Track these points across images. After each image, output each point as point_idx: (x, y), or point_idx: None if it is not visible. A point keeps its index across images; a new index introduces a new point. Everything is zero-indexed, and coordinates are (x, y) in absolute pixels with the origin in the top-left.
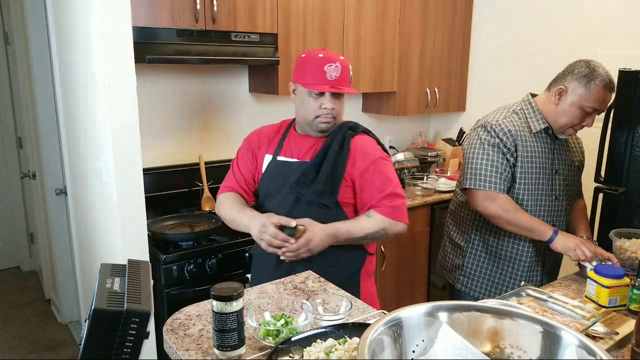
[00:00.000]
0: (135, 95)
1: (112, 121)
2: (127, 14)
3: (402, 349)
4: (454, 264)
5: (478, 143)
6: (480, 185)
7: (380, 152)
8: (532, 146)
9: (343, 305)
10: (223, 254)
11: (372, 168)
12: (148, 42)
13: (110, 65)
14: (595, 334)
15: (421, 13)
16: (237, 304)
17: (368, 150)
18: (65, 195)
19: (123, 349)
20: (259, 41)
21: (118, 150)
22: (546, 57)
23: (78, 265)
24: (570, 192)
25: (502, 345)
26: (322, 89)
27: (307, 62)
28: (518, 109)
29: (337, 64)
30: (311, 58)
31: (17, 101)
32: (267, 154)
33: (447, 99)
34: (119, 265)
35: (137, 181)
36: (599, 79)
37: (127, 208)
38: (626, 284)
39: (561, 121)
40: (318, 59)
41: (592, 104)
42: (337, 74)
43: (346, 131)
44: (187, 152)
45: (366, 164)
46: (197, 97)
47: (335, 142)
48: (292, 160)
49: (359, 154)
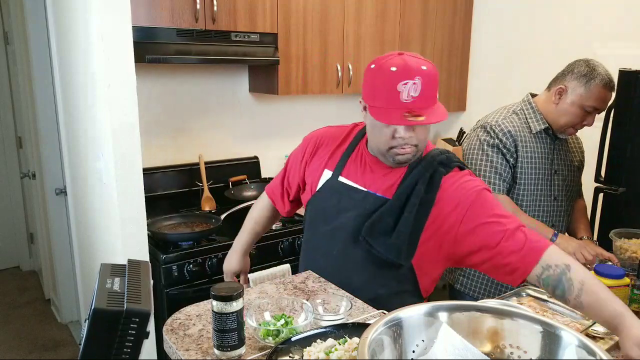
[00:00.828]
0: (135, 95)
1: (112, 121)
2: (127, 14)
3: (402, 349)
4: None
5: (478, 144)
6: None
7: (479, 184)
8: (532, 146)
9: (343, 305)
10: (223, 254)
11: (479, 202)
12: (148, 42)
13: (110, 65)
14: (595, 334)
15: (421, 13)
16: (237, 304)
17: (466, 187)
18: (65, 195)
19: (123, 349)
20: (259, 41)
21: (118, 150)
22: (546, 57)
23: (78, 265)
24: (570, 192)
25: (502, 345)
26: (392, 122)
27: (376, 78)
28: (518, 109)
29: (415, 81)
30: (382, 71)
31: (17, 101)
32: (327, 169)
33: (447, 99)
34: (119, 265)
35: (137, 181)
36: (599, 78)
37: (127, 208)
38: (626, 284)
39: (561, 121)
40: (390, 74)
41: (592, 103)
42: (415, 94)
43: (439, 169)
44: (187, 152)
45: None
46: (197, 97)
47: (420, 182)
48: (359, 188)
49: (452, 195)
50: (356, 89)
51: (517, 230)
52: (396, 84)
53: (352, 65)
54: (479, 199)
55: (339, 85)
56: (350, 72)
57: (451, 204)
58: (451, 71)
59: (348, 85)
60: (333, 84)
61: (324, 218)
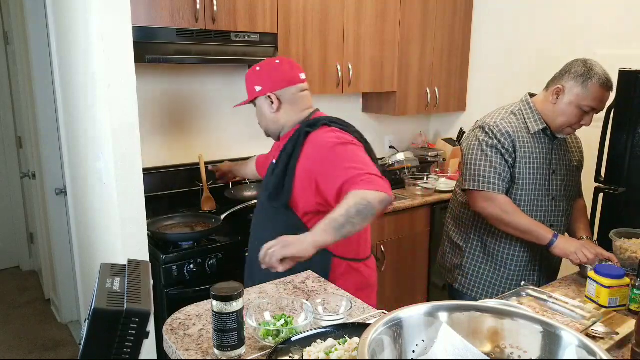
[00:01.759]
0: (135, 95)
1: (112, 121)
2: (127, 14)
3: (402, 349)
4: (452, 264)
5: (477, 144)
6: (479, 186)
7: (343, 138)
8: (530, 147)
9: (343, 305)
10: (223, 254)
11: (331, 156)
12: (148, 42)
13: (110, 65)
14: (595, 334)
15: (421, 13)
16: (237, 304)
17: (325, 140)
18: (65, 195)
19: (123, 349)
20: (259, 41)
21: (118, 150)
22: (546, 56)
23: (78, 265)
24: (569, 192)
25: (502, 345)
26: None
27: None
28: (516, 109)
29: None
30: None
31: (17, 101)
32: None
33: (447, 99)
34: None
35: (137, 181)
36: (596, 78)
37: (127, 208)
38: (626, 284)
39: (559, 121)
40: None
41: (589, 103)
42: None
43: (303, 129)
44: (187, 152)
45: (323, 153)
46: (197, 97)
47: (289, 143)
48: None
49: (314, 148)
50: (356, 89)
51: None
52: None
53: (352, 65)
54: (332, 151)
55: (339, 85)
56: (350, 72)
57: (313, 154)
58: (451, 71)
59: (348, 85)
60: (333, 84)
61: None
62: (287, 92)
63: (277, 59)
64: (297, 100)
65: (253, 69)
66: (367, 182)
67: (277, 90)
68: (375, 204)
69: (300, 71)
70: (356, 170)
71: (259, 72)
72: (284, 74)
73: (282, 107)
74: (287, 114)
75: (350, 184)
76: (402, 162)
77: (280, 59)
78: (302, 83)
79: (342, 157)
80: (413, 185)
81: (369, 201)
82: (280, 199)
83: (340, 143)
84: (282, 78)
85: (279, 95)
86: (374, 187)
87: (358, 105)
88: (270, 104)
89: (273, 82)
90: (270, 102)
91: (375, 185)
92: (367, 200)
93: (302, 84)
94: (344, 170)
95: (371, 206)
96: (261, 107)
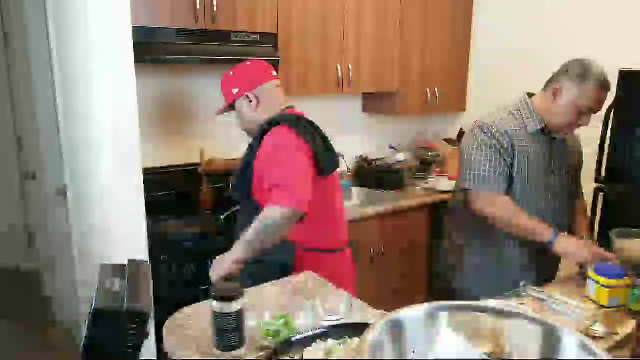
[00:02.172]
0: (135, 95)
1: (112, 121)
2: (127, 14)
3: (402, 349)
4: (452, 263)
5: (476, 144)
6: (479, 186)
7: (284, 141)
8: (529, 146)
9: (343, 305)
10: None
11: (270, 157)
12: (148, 42)
13: (110, 65)
14: (595, 334)
15: (421, 13)
16: (237, 304)
17: (271, 140)
18: (65, 195)
19: (123, 349)
20: (259, 41)
21: (118, 150)
22: (547, 57)
23: (78, 265)
24: (568, 192)
25: (502, 345)
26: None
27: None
28: (515, 109)
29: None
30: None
31: (17, 101)
32: None
33: (447, 99)
34: (119, 265)
35: (137, 181)
36: (593, 78)
37: (127, 208)
38: (626, 284)
39: (557, 121)
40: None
41: (586, 104)
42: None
43: (262, 127)
44: (187, 152)
45: (266, 151)
46: (197, 97)
47: (254, 139)
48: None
49: (264, 145)
50: (356, 89)
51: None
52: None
53: (352, 65)
54: (271, 153)
55: (339, 85)
56: (350, 72)
57: (263, 150)
58: (451, 71)
59: (348, 85)
60: (333, 84)
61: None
62: (263, 89)
63: (248, 61)
64: (272, 97)
65: (227, 75)
66: (281, 196)
67: (254, 89)
68: (280, 220)
69: (271, 69)
70: (278, 180)
71: (232, 75)
72: (257, 73)
73: (260, 104)
74: (264, 111)
75: (270, 194)
76: (402, 162)
77: (251, 61)
78: (275, 80)
79: (275, 161)
80: (413, 185)
81: (274, 219)
82: (242, 189)
83: (280, 145)
84: (256, 77)
85: (256, 94)
86: (285, 201)
87: (358, 105)
88: (249, 102)
89: (249, 82)
90: (249, 101)
91: (285, 201)
92: (272, 219)
93: (275, 80)
94: (272, 175)
95: (276, 224)
96: (240, 109)
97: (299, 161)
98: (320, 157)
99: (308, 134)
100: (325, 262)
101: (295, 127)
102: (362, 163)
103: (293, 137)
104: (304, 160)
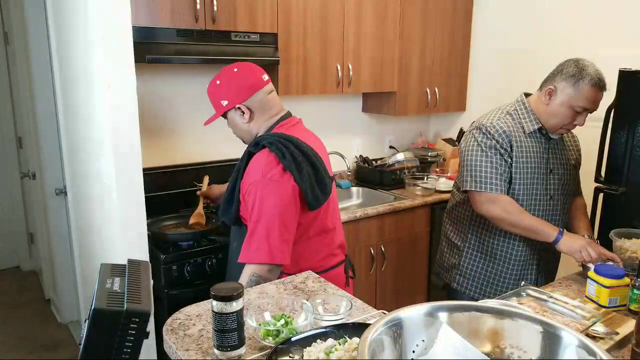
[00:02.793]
0: (135, 95)
1: (112, 121)
2: (127, 14)
3: (402, 349)
4: (450, 263)
5: (475, 145)
6: (481, 187)
7: (265, 172)
8: (526, 146)
9: (343, 305)
10: (223, 254)
11: (248, 191)
12: (148, 42)
13: (110, 65)
14: (595, 334)
15: (421, 13)
16: (237, 304)
17: (254, 169)
18: (65, 195)
19: (123, 349)
20: (259, 41)
21: (118, 150)
22: (546, 57)
23: (78, 265)
24: (567, 191)
25: (502, 345)
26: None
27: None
28: (512, 109)
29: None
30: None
31: (17, 101)
32: None
33: (447, 99)
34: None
35: (137, 181)
36: (588, 78)
37: (127, 208)
38: (626, 284)
39: (552, 121)
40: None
41: (581, 104)
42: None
43: (247, 150)
44: (187, 152)
45: (249, 182)
46: (197, 97)
47: (240, 162)
48: None
49: (249, 172)
50: (356, 89)
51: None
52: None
53: (352, 65)
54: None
55: (339, 85)
56: (350, 72)
57: (246, 177)
58: (451, 71)
59: (348, 85)
60: (333, 84)
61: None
62: (255, 99)
63: (235, 66)
64: (266, 105)
65: (213, 84)
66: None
67: (245, 100)
68: (266, 275)
69: (261, 72)
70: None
71: (219, 85)
72: (246, 81)
73: (253, 115)
74: (258, 122)
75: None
76: (402, 162)
77: (238, 66)
78: (266, 85)
79: (254, 199)
80: (413, 185)
81: (260, 275)
82: (228, 216)
83: (261, 181)
84: (245, 86)
85: (248, 105)
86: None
87: (358, 105)
88: (242, 114)
89: (238, 93)
90: (241, 112)
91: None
92: (257, 275)
93: (267, 86)
94: (250, 218)
95: (262, 279)
96: (233, 119)
97: (278, 203)
98: (307, 193)
99: (296, 164)
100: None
101: (282, 156)
102: (362, 163)
103: (277, 172)
104: (285, 201)
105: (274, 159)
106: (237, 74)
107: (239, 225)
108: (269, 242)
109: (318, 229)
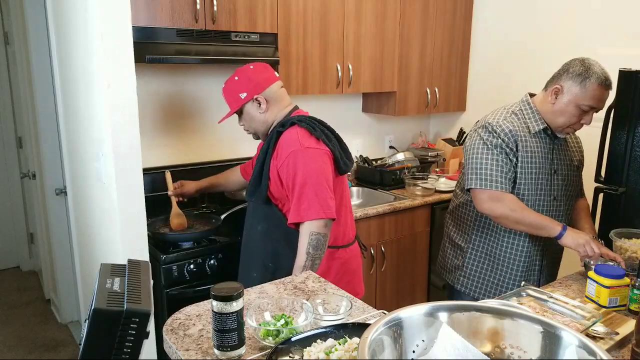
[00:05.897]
0: (135, 95)
1: (112, 121)
2: (127, 14)
3: (402, 349)
4: (453, 264)
5: (481, 144)
6: (485, 185)
7: (302, 142)
8: (531, 146)
9: (343, 305)
10: (223, 254)
11: (290, 161)
12: (148, 42)
13: (110, 65)
14: (595, 334)
15: (421, 13)
16: (237, 304)
17: (289, 142)
18: (65, 195)
19: (123, 349)
20: (259, 41)
21: (118, 150)
22: (547, 57)
23: (78, 265)
24: (570, 191)
25: (502, 345)
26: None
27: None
28: (517, 109)
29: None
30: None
31: (17, 101)
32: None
33: (447, 99)
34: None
35: (137, 181)
36: (594, 77)
37: (127, 208)
38: (626, 284)
39: (559, 121)
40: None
41: (588, 102)
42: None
43: (275, 129)
44: (187, 152)
45: (285, 154)
46: (197, 97)
47: (266, 142)
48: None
49: (281, 148)
50: (356, 89)
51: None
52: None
53: (352, 65)
54: (291, 158)
55: (339, 85)
56: (350, 72)
57: (280, 153)
58: (451, 71)
59: (348, 85)
60: (333, 84)
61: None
62: (271, 90)
63: (250, 65)
64: (279, 97)
65: (231, 80)
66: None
67: (263, 91)
68: (324, 231)
69: (273, 70)
70: (302, 190)
71: (237, 80)
72: (262, 75)
73: (269, 106)
74: (273, 113)
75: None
76: (402, 162)
77: (253, 64)
78: (279, 80)
79: (295, 167)
80: (413, 185)
81: (318, 232)
82: (258, 195)
83: (299, 151)
84: (262, 79)
85: (265, 96)
86: (315, 214)
87: (358, 105)
88: (259, 105)
89: (256, 85)
90: (258, 104)
91: (315, 214)
92: (316, 233)
93: (279, 81)
94: (295, 183)
95: (321, 235)
96: (249, 112)
97: (320, 167)
98: (338, 159)
99: (325, 136)
100: (339, 257)
101: (313, 129)
102: (362, 163)
103: (312, 141)
104: (324, 165)
105: (306, 132)
106: (253, 70)
107: (268, 205)
108: (318, 199)
109: (343, 200)
